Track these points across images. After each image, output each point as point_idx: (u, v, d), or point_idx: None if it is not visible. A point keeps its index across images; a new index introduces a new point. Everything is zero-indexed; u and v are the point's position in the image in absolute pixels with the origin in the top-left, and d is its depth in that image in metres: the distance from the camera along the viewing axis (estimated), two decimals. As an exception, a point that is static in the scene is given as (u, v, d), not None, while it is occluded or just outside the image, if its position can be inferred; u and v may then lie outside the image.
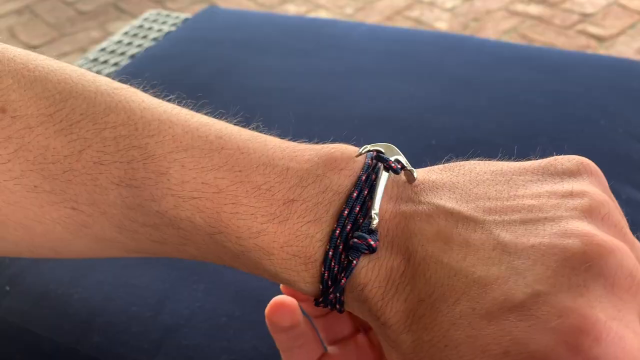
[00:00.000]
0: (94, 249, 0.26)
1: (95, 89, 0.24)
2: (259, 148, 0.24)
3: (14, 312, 0.36)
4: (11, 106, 0.22)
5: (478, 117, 0.47)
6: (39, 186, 0.23)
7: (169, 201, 0.23)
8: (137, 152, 0.23)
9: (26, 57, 0.24)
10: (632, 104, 0.48)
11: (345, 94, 0.51)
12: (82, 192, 0.23)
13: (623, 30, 1.59)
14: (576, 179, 0.22)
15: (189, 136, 0.23)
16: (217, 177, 0.23)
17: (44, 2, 2.07)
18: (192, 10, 1.92)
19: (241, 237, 0.23)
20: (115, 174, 0.23)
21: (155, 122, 0.23)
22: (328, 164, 0.23)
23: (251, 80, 0.54)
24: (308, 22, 0.67)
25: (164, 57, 0.60)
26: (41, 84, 0.23)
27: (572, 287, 0.18)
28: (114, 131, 0.23)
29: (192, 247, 0.24)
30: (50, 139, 0.23)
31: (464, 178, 0.23)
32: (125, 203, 0.23)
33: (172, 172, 0.23)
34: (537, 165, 0.23)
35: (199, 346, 0.33)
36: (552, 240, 0.19)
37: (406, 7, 1.84)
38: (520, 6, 1.76)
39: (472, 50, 0.56)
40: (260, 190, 0.23)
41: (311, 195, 0.23)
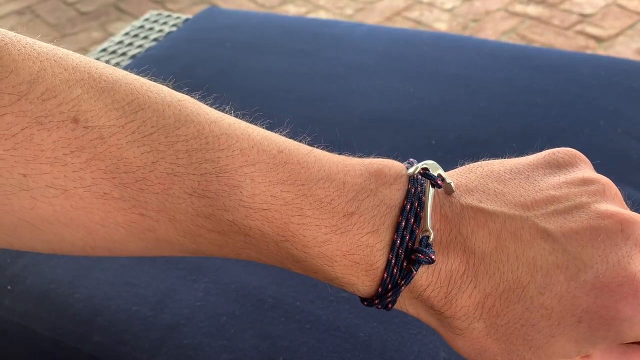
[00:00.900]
0: (149, 249, 0.27)
1: (162, 101, 0.25)
2: (317, 162, 0.26)
3: (15, 311, 0.36)
4: (83, 116, 0.23)
5: (477, 117, 0.47)
6: (108, 193, 0.24)
7: (240, 212, 0.24)
8: (210, 165, 0.24)
9: (89, 65, 0.25)
10: (631, 104, 0.48)
11: (345, 94, 0.51)
12: (153, 200, 0.24)
13: (622, 31, 1.59)
14: (578, 168, 0.27)
15: (254, 150, 0.25)
16: (283, 191, 0.25)
17: (45, 3, 2.07)
18: (193, 11, 1.92)
19: (307, 245, 0.25)
20: (188, 184, 0.24)
21: (224, 136, 0.25)
22: (379, 178, 0.26)
23: (251, 81, 0.54)
24: (308, 22, 0.67)
25: (164, 58, 0.60)
26: (109, 94, 0.24)
27: (621, 259, 0.23)
28: (186, 144, 0.24)
29: (253, 251, 0.26)
30: (123, 150, 0.23)
31: (489, 180, 0.26)
32: (197, 212, 0.24)
33: (244, 185, 0.24)
34: (542, 159, 0.27)
35: (200, 345, 0.33)
36: (590, 223, 0.24)
37: (406, 8, 1.84)
38: (519, 7, 1.76)
39: (471, 51, 0.56)
40: (322, 203, 0.25)
41: (368, 209, 0.25)
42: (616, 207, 0.25)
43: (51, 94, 0.23)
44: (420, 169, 0.26)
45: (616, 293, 0.23)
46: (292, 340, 0.33)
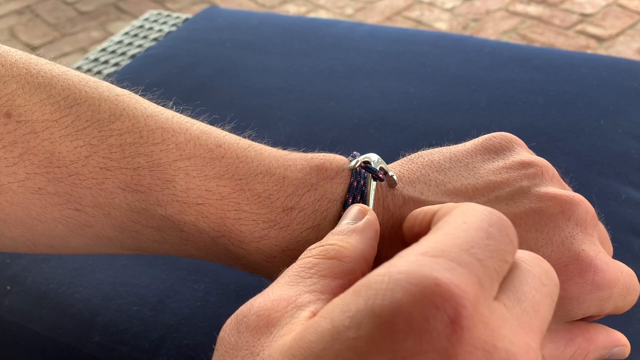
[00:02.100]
0: (91, 246, 0.27)
1: (99, 96, 0.25)
2: (256, 157, 0.25)
3: (15, 311, 0.36)
4: (16, 111, 0.23)
5: (478, 117, 0.47)
6: (43, 188, 0.24)
7: (174, 206, 0.24)
8: (143, 159, 0.24)
9: (28, 62, 0.25)
10: (632, 104, 0.48)
11: (345, 93, 0.51)
12: (87, 195, 0.24)
13: (622, 31, 1.59)
14: (515, 151, 0.26)
15: (191, 144, 0.24)
16: (219, 185, 0.24)
17: (45, 2, 2.07)
18: (193, 10, 1.92)
19: (244, 241, 0.24)
20: (121, 179, 0.24)
21: (159, 130, 0.24)
22: (320, 173, 0.25)
23: (251, 81, 0.54)
24: (308, 22, 0.67)
25: (164, 58, 0.60)
26: (45, 90, 0.24)
27: (564, 240, 0.23)
28: (119, 138, 0.24)
29: (192, 248, 0.26)
30: (56, 144, 0.23)
31: (430, 170, 0.26)
32: (130, 206, 0.24)
33: (178, 179, 0.24)
34: (479, 145, 0.27)
35: (200, 345, 0.33)
36: (532, 207, 0.24)
37: (406, 8, 1.84)
38: (519, 6, 1.76)
39: (471, 51, 0.56)
40: (260, 197, 0.24)
41: (308, 204, 0.25)
42: (555, 188, 0.25)
43: None
44: (362, 162, 0.25)
45: (562, 274, 0.22)
46: (292, 341, 0.33)
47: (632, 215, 0.39)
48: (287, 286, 0.19)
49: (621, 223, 0.38)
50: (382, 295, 0.14)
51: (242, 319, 0.18)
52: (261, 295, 0.19)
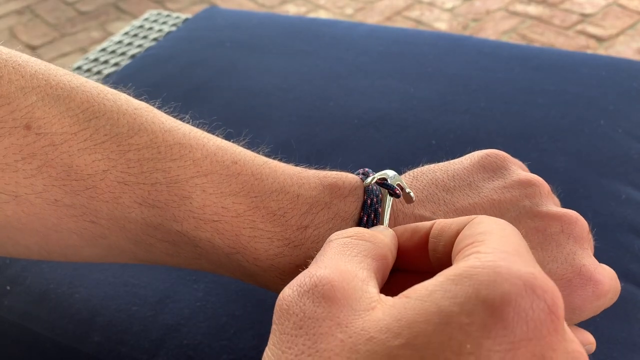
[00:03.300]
0: (103, 257, 0.27)
1: (117, 109, 0.25)
2: (271, 174, 0.26)
3: (14, 311, 0.36)
4: (36, 123, 0.23)
5: (478, 117, 0.47)
6: (60, 200, 0.24)
7: (190, 222, 0.24)
8: (161, 175, 0.24)
9: (47, 73, 0.25)
10: (632, 104, 0.48)
11: (345, 94, 0.51)
12: (104, 208, 0.24)
13: (622, 31, 1.59)
14: (511, 170, 0.28)
15: (208, 161, 0.25)
16: (235, 202, 0.24)
17: (45, 3, 2.07)
18: (193, 10, 1.92)
19: (258, 258, 0.25)
20: (138, 194, 0.24)
21: (177, 146, 0.25)
22: (333, 191, 0.26)
23: (251, 81, 0.54)
24: (308, 22, 0.67)
25: (164, 58, 0.60)
26: (64, 102, 0.24)
27: (567, 256, 0.25)
28: (137, 153, 0.24)
29: (205, 262, 0.26)
30: (74, 157, 0.23)
31: (436, 189, 0.27)
32: (146, 221, 0.24)
33: (195, 196, 0.24)
34: (477, 164, 0.28)
35: (200, 345, 0.33)
36: (536, 227, 0.25)
37: (406, 8, 1.84)
38: (519, 6, 1.76)
39: (471, 51, 0.56)
40: (275, 215, 0.25)
41: (322, 222, 0.25)
42: (553, 206, 0.26)
43: (5, 101, 0.23)
44: (378, 179, 0.26)
45: (567, 287, 0.24)
46: (292, 341, 0.33)
47: (632, 215, 0.39)
48: (341, 261, 0.19)
49: (621, 223, 0.38)
50: (490, 285, 0.16)
51: (313, 289, 0.18)
52: (319, 267, 0.19)
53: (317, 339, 0.16)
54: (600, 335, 0.32)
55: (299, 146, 0.45)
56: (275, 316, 0.18)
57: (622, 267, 0.36)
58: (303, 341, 0.17)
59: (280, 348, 0.17)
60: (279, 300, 0.18)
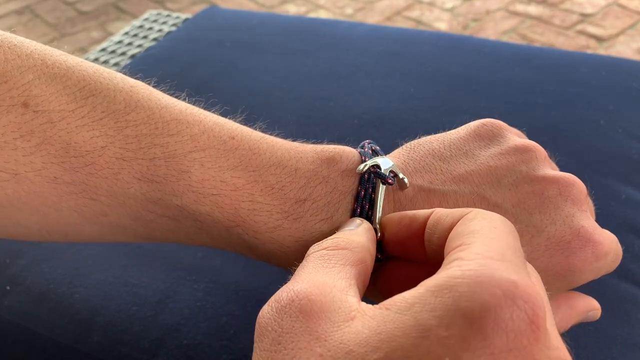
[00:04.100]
0: (104, 235, 0.27)
1: (114, 87, 0.25)
2: (269, 149, 0.26)
3: (14, 311, 0.36)
4: (33, 101, 0.23)
5: (478, 117, 0.47)
6: (59, 178, 0.24)
7: (189, 197, 0.24)
8: (159, 150, 0.24)
9: (43, 52, 0.25)
10: (632, 104, 0.48)
11: (345, 94, 0.51)
12: (103, 184, 0.24)
13: (622, 30, 1.59)
14: (506, 137, 0.28)
15: (205, 136, 0.25)
16: (233, 176, 0.25)
17: (45, 3, 2.07)
18: (193, 10, 1.92)
19: (258, 231, 0.25)
20: (137, 169, 0.24)
21: (174, 121, 0.25)
22: (331, 165, 0.26)
23: (251, 81, 0.54)
24: (308, 22, 0.67)
25: (164, 58, 0.60)
26: (61, 80, 0.24)
27: (565, 218, 0.25)
28: (135, 129, 0.24)
29: (206, 237, 0.26)
30: (72, 134, 0.23)
31: (433, 159, 0.27)
32: (146, 196, 0.25)
33: (193, 170, 0.24)
34: (473, 132, 0.28)
35: (200, 346, 0.33)
36: (534, 191, 0.25)
37: (406, 8, 1.84)
38: (520, 6, 1.76)
39: (471, 51, 0.56)
40: (274, 189, 0.25)
41: (320, 195, 0.25)
42: (550, 170, 0.27)
43: (2, 79, 0.23)
44: (370, 167, 0.26)
45: (566, 249, 0.25)
46: (292, 341, 0.33)
47: (632, 215, 0.39)
48: (319, 274, 0.20)
49: (621, 223, 0.38)
50: (469, 297, 0.15)
51: (289, 304, 0.18)
52: (297, 282, 0.19)
53: (295, 354, 0.16)
54: (600, 335, 0.32)
55: (299, 146, 0.45)
56: (255, 334, 0.18)
57: (622, 267, 0.36)
58: (281, 357, 0.17)
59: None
60: (259, 318, 0.18)
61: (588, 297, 0.28)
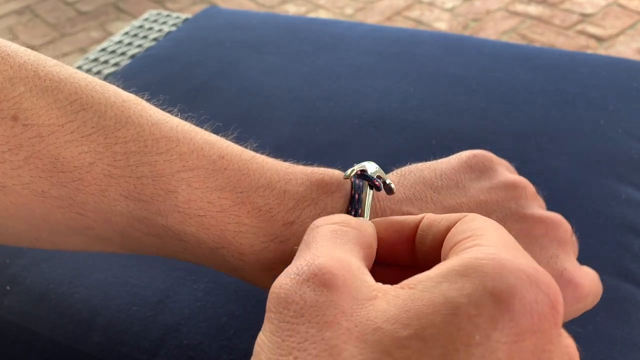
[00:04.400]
0: (92, 245, 0.27)
1: (105, 101, 0.25)
2: (258, 170, 0.26)
3: (14, 311, 0.36)
4: (23, 114, 0.23)
5: (478, 117, 0.47)
6: (47, 192, 0.24)
7: (175, 217, 0.24)
8: (147, 168, 0.24)
9: (36, 63, 0.25)
10: (632, 104, 0.48)
11: (345, 93, 0.51)
12: (90, 200, 0.24)
13: (622, 30, 1.59)
14: (497, 171, 0.28)
15: (194, 155, 0.25)
16: (220, 197, 0.24)
17: (45, 3, 2.07)
18: (193, 10, 1.92)
19: (243, 253, 0.25)
20: (124, 187, 0.24)
21: (164, 139, 0.25)
22: (320, 187, 0.26)
23: (251, 81, 0.54)
24: (308, 22, 0.67)
25: (164, 58, 0.60)
26: (52, 94, 0.24)
27: (549, 259, 0.25)
28: (124, 146, 0.24)
29: (190, 256, 0.26)
30: (61, 149, 0.23)
31: (424, 187, 0.27)
32: (132, 214, 0.24)
33: (180, 190, 0.24)
34: (464, 164, 0.28)
35: (200, 346, 0.33)
36: (522, 229, 0.26)
37: (406, 8, 1.84)
38: (520, 6, 1.76)
39: (471, 51, 0.56)
40: (261, 211, 0.25)
41: (309, 218, 0.25)
42: (538, 209, 0.27)
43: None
44: (358, 170, 0.26)
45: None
46: (292, 341, 0.33)
47: (632, 215, 0.39)
48: (336, 249, 0.19)
49: (621, 223, 0.38)
50: (496, 278, 0.16)
51: (312, 277, 0.18)
52: (316, 255, 0.19)
53: (321, 327, 0.16)
54: (600, 335, 0.32)
55: (299, 146, 0.45)
56: (271, 304, 0.18)
57: (622, 267, 0.36)
58: (306, 329, 0.16)
59: (280, 336, 0.17)
60: (275, 288, 0.18)
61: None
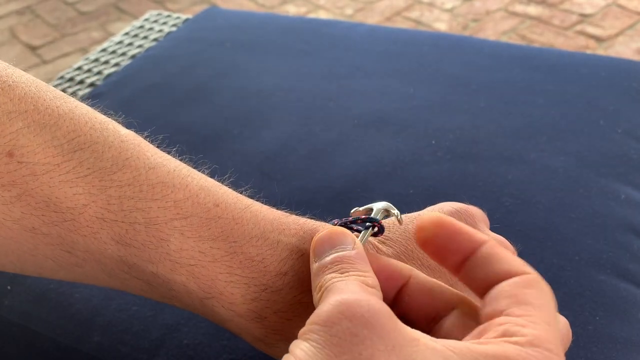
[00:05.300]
0: (79, 280, 0.27)
1: (104, 141, 0.25)
2: (252, 219, 0.25)
3: (15, 311, 0.36)
4: (19, 151, 0.23)
5: (477, 117, 0.47)
6: (37, 229, 0.24)
7: (166, 265, 0.24)
8: (141, 215, 0.24)
9: (37, 96, 0.24)
10: (631, 104, 0.48)
11: (345, 94, 0.51)
12: (80, 241, 0.24)
13: (622, 31, 1.59)
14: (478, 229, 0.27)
15: (189, 202, 0.25)
16: (212, 247, 0.24)
17: (45, 3, 2.07)
18: (193, 11, 1.92)
19: (234, 302, 0.25)
20: (116, 231, 0.24)
21: (159, 185, 0.24)
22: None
23: (251, 81, 0.54)
24: (308, 22, 0.67)
25: (164, 58, 0.60)
26: (50, 131, 0.24)
27: None
28: (119, 190, 0.24)
29: (178, 303, 0.26)
30: (55, 189, 0.23)
31: (412, 244, 0.27)
32: (122, 259, 0.24)
33: (172, 239, 0.24)
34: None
35: (200, 345, 0.33)
36: None
37: (406, 8, 1.84)
38: (519, 7, 1.76)
39: (471, 51, 0.56)
40: (254, 261, 0.25)
41: (301, 269, 0.25)
42: None
43: None
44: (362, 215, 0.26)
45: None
46: (292, 340, 0.33)
47: (632, 215, 0.39)
48: (363, 291, 0.20)
49: (621, 223, 0.38)
50: None
51: (359, 310, 0.18)
52: (354, 292, 0.20)
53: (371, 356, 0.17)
54: (600, 335, 0.32)
55: (299, 146, 0.45)
56: (319, 318, 0.19)
57: (621, 267, 0.36)
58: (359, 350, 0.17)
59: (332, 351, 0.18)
60: (324, 311, 0.19)
61: None
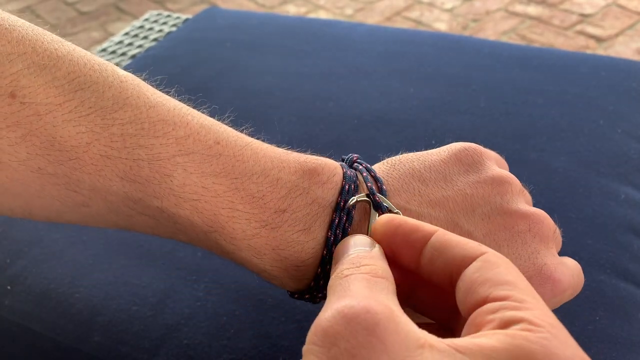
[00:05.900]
0: (86, 222, 0.28)
1: (104, 81, 0.25)
2: (252, 156, 0.26)
3: (15, 311, 0.36)
4: (21, 92, 0.23)
5: (477, 117, 0.47)
6: (43, 169, 0.24)
7: (170, 200, 0.25)
8: (143, 151, 0.24)
9: (34, 39, 0.25)
10: (631, 104, 0.48)
11: (345, 94, 0.51)
12: (86, 179, 0.24)
13: (622, 31, 1.59)
14: (486, 165, 0.28)
15: (191, 140, 0.25)
16: (215, 183, 0.25)
17: (45, 3, 2.07)
18: (193, 11, 1.92)
19: (236, 238, 0.25)
20: (120, 168, 0.24)
21: (160, 122, 0.25)
22: (312, 177, 0.26)
23: (251, 81, 0.54)
24: (308, 22, 0.67)
25: (164, 58, 0.60)
26: (50, 72, 0.24)
27: (530, 255, 0.26)
28: (121, 128, 0.24)
29: (183, 237, 0.27)
30: (58, 128, 0.23)
31: (412, 179, 0.27)
32: (127, 195, 0.25)
33: (176, 174, 0.24)
34: (454, 156, 0.28)
35: (200, 345, 0.33)
36: (505, 224, 0.26)
37: (406, 8, 1.84)
38: (519, 7, 1.76)
39: (471, 51, 0.56)
40: (254, 198, 0.25)
41: (300, 207, 0.26)
42: (523, 205, 0.27)
43: None
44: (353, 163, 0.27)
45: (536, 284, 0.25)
46: (292, 340, 0.33)
47: (632, 215, 0.39)
48: (378, 294, 0.20)
49: (621, 223, 0.38)
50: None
51: (361, 317, 0.18)
52: (359, 298, 0.19)
53: None
54: (600, 335, 0.32)
55: (299, 146, 0.45)
56: (317, 337, 0.18)
57: (621, 267, 0.36)
58: None
59: None
60: (323, 322, 0.18)
61: None
